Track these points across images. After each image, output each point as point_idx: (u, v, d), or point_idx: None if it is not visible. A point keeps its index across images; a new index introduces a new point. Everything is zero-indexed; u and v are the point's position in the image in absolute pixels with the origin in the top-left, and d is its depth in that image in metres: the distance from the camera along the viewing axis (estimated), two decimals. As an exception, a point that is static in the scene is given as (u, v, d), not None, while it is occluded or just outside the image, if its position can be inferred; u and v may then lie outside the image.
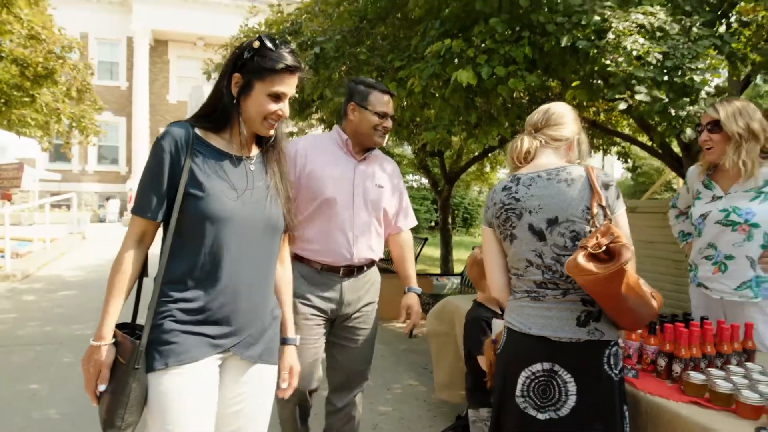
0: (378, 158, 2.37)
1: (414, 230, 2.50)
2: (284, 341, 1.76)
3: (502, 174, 12.51)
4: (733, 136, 2.13)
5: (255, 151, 1.66)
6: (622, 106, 2.53)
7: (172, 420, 1.46)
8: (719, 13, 3.25)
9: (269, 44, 1.53)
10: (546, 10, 2.91)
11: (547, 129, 1.78)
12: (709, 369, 1.75)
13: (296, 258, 2.21)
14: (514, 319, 1.68)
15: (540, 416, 1.57)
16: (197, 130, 1.57)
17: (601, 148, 6.69)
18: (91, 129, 8.51)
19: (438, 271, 8.68)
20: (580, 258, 1.45)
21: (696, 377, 1.65)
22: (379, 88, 2.26)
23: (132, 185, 20.86)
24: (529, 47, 2.93)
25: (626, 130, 6.21)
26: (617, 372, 1.58)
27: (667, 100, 2.62)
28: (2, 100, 5.55)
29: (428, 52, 3.13)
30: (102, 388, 1.49)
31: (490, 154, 9.05)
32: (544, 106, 1.86)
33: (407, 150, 10.21)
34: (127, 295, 1.52)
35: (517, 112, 3.52)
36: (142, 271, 1.58)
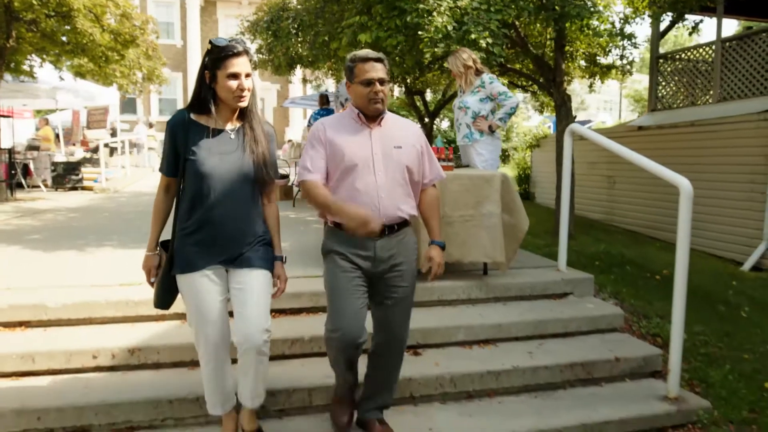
0: (395, 121, 2.47)
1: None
2: (275, 258, 2.25)
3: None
4: (458, 73, 4.51)
5: (236, 124, 2.12)
6: (428, 56, 4.94)
7: (192, 306, 2.10)
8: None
9: (216, 43, 1.99)
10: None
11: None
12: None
13: (335, 224, 2.35)
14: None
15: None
16: (192, 114, 2.06)
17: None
18: (162, 79, 11.44)
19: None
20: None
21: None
22: (360, 58, 2.31)
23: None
24: (399, 20, 5.34)
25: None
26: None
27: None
28: (103, 59, 8.37)
29: (345, 23, 5.58)
30: (152, 280, 2.16)
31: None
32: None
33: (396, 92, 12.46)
34: (164, 222, 2.17)
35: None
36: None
